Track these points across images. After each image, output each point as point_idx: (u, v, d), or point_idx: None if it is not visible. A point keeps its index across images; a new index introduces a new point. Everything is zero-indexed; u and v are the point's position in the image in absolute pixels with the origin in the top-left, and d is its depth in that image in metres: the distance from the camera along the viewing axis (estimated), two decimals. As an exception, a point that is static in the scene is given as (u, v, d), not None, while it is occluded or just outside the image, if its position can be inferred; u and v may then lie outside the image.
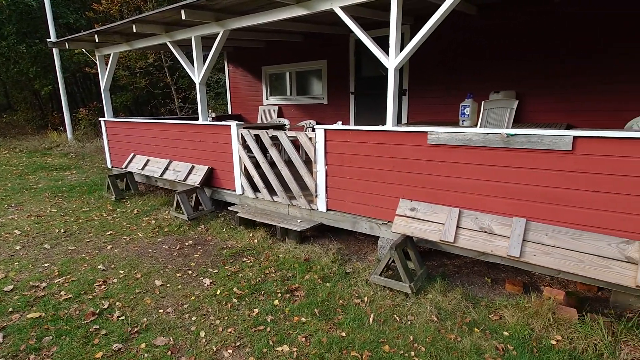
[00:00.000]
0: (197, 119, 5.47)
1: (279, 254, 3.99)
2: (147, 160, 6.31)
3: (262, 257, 3.96)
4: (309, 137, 4.07)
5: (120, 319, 2.94)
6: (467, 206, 3.19)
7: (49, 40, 7.20)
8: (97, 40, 5.89)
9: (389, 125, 3.50)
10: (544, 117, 4.82)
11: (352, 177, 3.86)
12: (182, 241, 4.47)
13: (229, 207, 5.06)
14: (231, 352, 2.55)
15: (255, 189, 4.88)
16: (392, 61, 3.39)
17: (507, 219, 2.97)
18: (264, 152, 4.77)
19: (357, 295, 3.17)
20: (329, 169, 4.02)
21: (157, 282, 3.49)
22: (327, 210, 4.14)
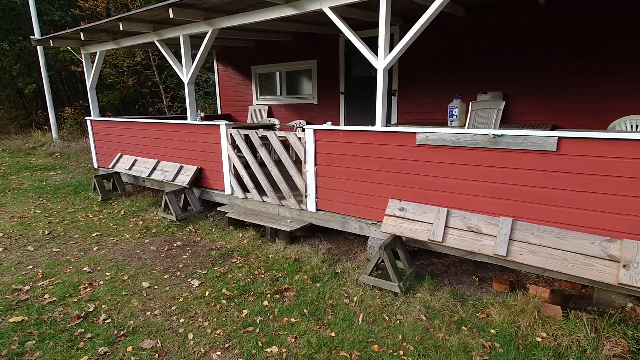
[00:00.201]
0: (185, 118, 5.41)
1: (268, 254, 3.97)
2: (135, 160, 6.22)
3: (251, 257, 3.94)
4: (299, 137, 4.06)
5: (106, 321, 2.89)
6: (455, 206, 3.23)
7: (32, 37, 7.02)
8: (82, 38, 5.78)
9: (378, 125, 3.52)
10: (530, 118, 4.90)
11: (342, 177, 3.87)
12: (170, 242, 4.42)
13: (218, 208, 5.02)
14: (220, 353, 2.53)
15: (244, 189, 4.85)
16: (381, 62, 3.40)
17: (494, 218, 3.01)
18: (254, 152, 4.74)
19: (346, 295, 3.17)
20: (319, 169, 4.02)
21: (144, 284, 3.44)
22: (317, 210, 4.14)
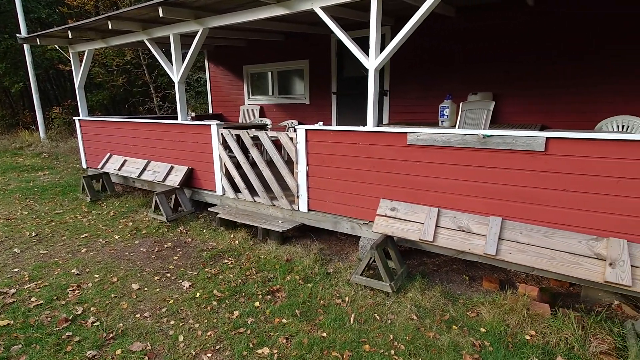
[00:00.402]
0: (176, 118, 5.36)
1: (260, 255, 3.96)
2: (125, 160, 6.14)
3: (243, 258, 3.92)
4: (290, 138, 4.06)
5: (94, 324, 2.85)
6: (446, 206, 3.25)
7: (19, 35, 6.89)
8: (70, 36, 5.69)
9: (369, 125, 3.53)
10: (519, 118, 4.96)
11: (333, 177, 3.87)
12: (160, 243, 4.37)
13: (209, 208, 4.98)
14: (210, 355, 2.51)
15: (236, 189, 4.82)
16: (372, 62, 3.41)
17: (484, 218, 3.04)
18: (245, 153, 4.72)
19: (338, 295, 3.18)
20: (310, 169, 4.02)
21: (134, 286, 3.40)
22: (309, 210, 4.14)
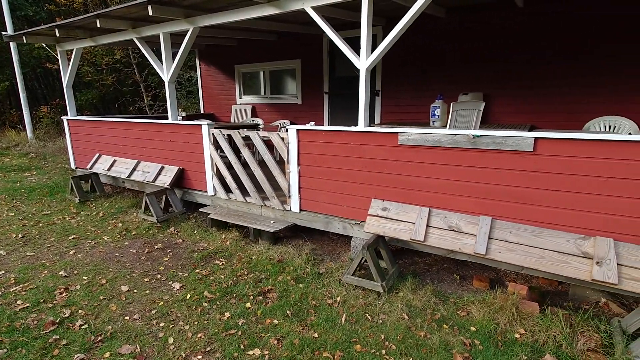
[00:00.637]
0: (167, 118, 5.31)
1: (251, 255, 3.94)
2: (114, 160, 6.06)
3: (234, 259, 3.90)
4: (282, 138, 4.04)
5: (82, 327, 2.80)
6: (436, 205, 3.27)
7: (4, 33, 6.75)
8: (58, 34, 5.60)
9: (361, 125, 3.53)
10: (509, 119, 5.01)
11: (325, 177, 3.87)
12: (150, 244, 4.33)
13: (200, 209, 4.94)
14: (201, 357, 2.49)
15: (227, 189, 4.79)
16: (363, 62, 3.41)
17: (474, 217, 3.06)
18: (237, 153, 4.69)
19: (329, 295, 3.17)
20: (302, 169, 4.01)
21: (123, 288, 3.36)
22: (301, 210, 4.13)
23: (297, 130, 3.92)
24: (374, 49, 3.38)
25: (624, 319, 2.60)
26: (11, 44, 11.23)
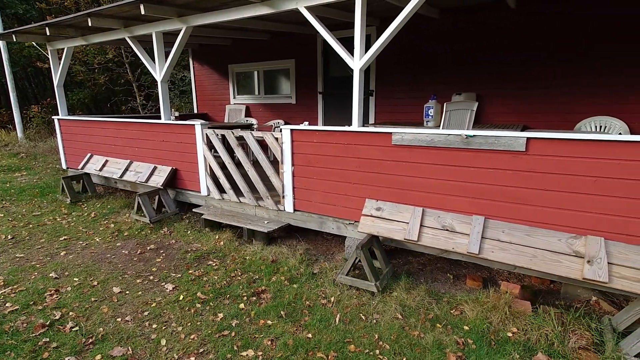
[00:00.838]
0: (160, 117, 5.27)
1: (245, 256, 3.92)
2: (106, 160, 6.00)
3: (228, 259, 3.87)
4: (276, 138, 4.03)
5: (73, 329, 2.77)
6: (430, 205, 3.28)
7: (-6, 31, 6.68)
8: (48, 33, 5.52)
9: (355, 125, 3.53)
10: (502, 119, 5.05)
11: (319, 177, 3.86)
12: (143, 245, 4.29)
13: (194, 209, 4.91)
14: (194, 359, 2.47)
15: (221, 190, 4.77)
16: (357, 62, 3.41)
17: (467, 217, 3.08)
18: (231, 153, 4.66)
19: (324, 295, 3.17)
20: (296, 169, 4.00)
21: (115, 289, 3.32)
22: (295, 210, 4.12)
23: (291, 130, 3.91)
24: (367, 49, 3.38)
25: (614, 317, 2.63)
26: (0, 42, 11.08)
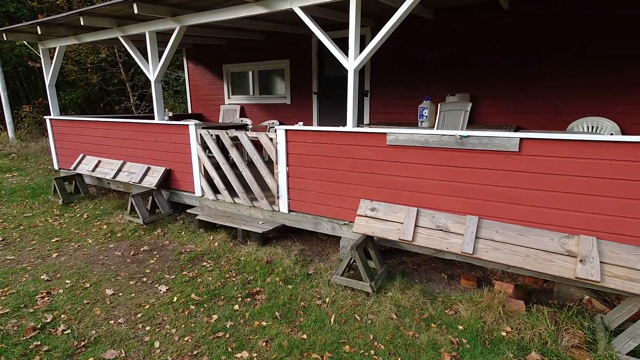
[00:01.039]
0: (153, 117, 5.23)
1: (240, 257, 3.90)
2: (99, 161, 5.94)
3: (222, 260, 3.85)
4: (270, 138, 4.02)
5: (65, 332, 2.73)
6: (424, 205, 3.29)
7: (-16, 30, 6.56)
8: (40, 32, 5.46)
9: (349, 126, 3.53)
10: (495, 119, 5.08)
11: (314, 178, 3.86)
12: (136, 247, 4.25)
13: (188, 210, 4.88)
14: (188, 361, 2.45)
15: (215, 190, 4.74)
16: (351, 63, 3.41)
17: (461, 217, 3.09)
18: (225, 153, 4.64)
19: (318, 296, 3.16)
20: (291, 169, 3.99)
21: (108, 292, 3.29)
22: (289, 211, 4.11)
23: (286, 130, 3.90)
24: (362, 49, 3.39)
25: (606, 316, 2.65)
26: (-9, 41, 10.94)
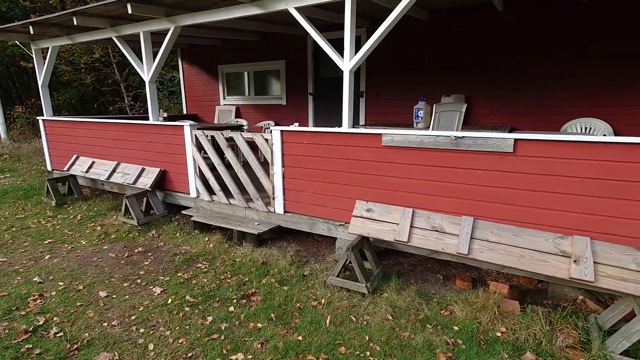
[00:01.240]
0: (148, 118, 5.19)
1: (235, 258, 3.88)
2: (92, 162, 5.89)
3: (217, 262, 3.83)
4: (266, 139, 4.00)
5: (57, 335, 2.70)
6: (420, 206, 3.29)
7: (-25, 29, 6.48)
8: (32, 32, 5.40)
9: (345, 127, 3.53)
10: (490, 120, 5.11)
11: (309, 178, 3.85)
12: (130, 248, 4.22)
13: (183, 211, 4.85)
14: (182, 364, 2.43)
15: (210, 191, 4.71)
16: (347, 64, 3.41)
17: (457, 217, 3.10)
18: (220, 154, 4.62)
19: (314, 297, 3.15)
20: (286, 170, 3.98)
21: (101, 294, 3.26)
22: (285, 212, 4.10)
23: (281, 131, 3.89)
24: (357, 50, 3.38)
25: (600, 316, 2.67)
26: (-17, 41, 10.81)
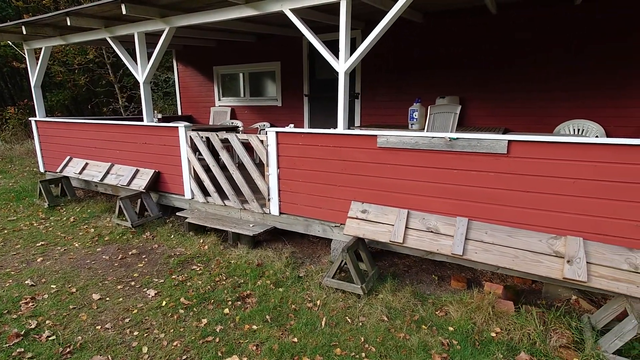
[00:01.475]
0: (142, 119, 5.16)
1: (230, 260, 3.87)
2: (86, 163, 5.84)
3: (212, 264, 3.81)
4: (261, 140, 4.00)
5: (50, 339, 2.67)
6: (415, 207, 3.30)
7: (-33, 29, 6.40)
8: (25, 32, 5.35)
9: (340, 128, 3.53)
10: (484, 122, 5.15)
11: (305, 180, 3.85)
12: (124, 250, 4.18)
13: (177, 213, 4.82)
14: (176, 367, 2.41)
15: (205, 193, 4.69)
16: (342, 65, 3.42)
17: (451, 218, 3.11)
18: (215, 155, 4.60)
19: (309, 299, 3.15)
20: (282, 172, 3.97)
21: (94, 296, 3.23)
22: (280, 213, 4.09)
23: (277, 132, 3.89)
24: (353, 52, 3.40)
25: (593, 315, 2.69)
26: (-25, 41, 10.69)
